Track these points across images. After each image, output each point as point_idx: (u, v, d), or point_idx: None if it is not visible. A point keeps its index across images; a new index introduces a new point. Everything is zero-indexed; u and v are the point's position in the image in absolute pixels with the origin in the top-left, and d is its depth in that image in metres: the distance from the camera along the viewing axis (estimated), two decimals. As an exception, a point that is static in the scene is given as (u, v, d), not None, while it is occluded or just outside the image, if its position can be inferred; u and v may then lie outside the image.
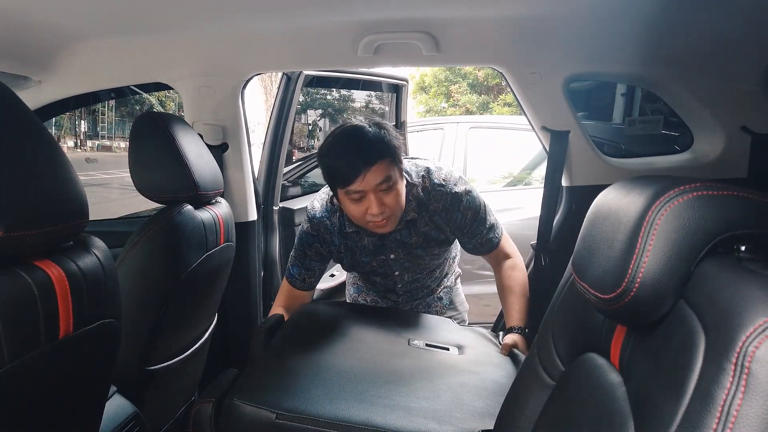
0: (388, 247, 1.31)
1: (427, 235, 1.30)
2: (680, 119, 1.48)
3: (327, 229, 1.29)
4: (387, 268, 1.36)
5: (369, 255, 1.33)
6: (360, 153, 1.10)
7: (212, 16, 1.19)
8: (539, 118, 1.41)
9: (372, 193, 1.12)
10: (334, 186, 1.15)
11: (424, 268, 1.40)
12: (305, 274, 1.32)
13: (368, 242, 1.30)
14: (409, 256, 1.33)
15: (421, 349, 1.13)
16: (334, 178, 1.14)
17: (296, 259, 1.33)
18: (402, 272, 1.38)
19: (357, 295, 1.57)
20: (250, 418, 0.89)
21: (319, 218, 1.29)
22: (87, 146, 7.71)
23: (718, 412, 0.37)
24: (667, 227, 0.48)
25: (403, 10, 1.17)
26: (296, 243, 1.34)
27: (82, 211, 0.61)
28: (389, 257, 1.33)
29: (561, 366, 0.71)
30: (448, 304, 1.56)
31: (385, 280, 1.41)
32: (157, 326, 1.06)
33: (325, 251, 1.32)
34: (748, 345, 0.37)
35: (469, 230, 1.29)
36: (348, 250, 1.33)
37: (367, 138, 1.11)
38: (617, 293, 0.50)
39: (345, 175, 1.10)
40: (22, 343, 0.54)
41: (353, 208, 1.15)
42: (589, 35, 1.26)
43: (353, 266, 1.38)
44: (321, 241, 1.30)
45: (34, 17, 1.14)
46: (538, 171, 3.05)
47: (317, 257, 1.31)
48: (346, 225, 1.28)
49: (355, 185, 1.10)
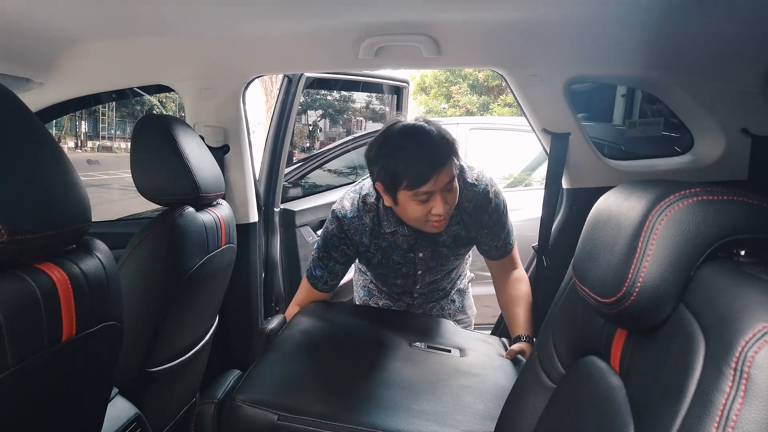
0: (420, 245, 1.30)
1: (456, 235, 1.29)
2: (680, 121, 1.48)
3: (357, 230, 1.27)
4: (411, 267, 1.35)
5: (400, 254, 1.31)
6: (433, 154, 1.08)
7: (214, 18, 1.19)
8: (540, 120, 1.41)
9: (439, 193, 1.10)
10: (397, 187, 1.11)
11: (445, 268, 1.40)
12: (328, 277, 1.31)
13: (402, 241, 1.29)
14: (436, 254, 1.32)
15: (423, 351, 1.14)
16: (400, 180, 1.10)
17: (320, 261, 1.31)
18: (425, 272, 1.37)
19: (368, 299, 1.55)
20: (252, 420, 0.90)
21: (350, 218, 1.26)
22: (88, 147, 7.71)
23: (718, 416, 0.38)
24: (667, 232, 0.48)
25: (404, 13, 1.17)
26: (320, 244, 1.32)
27: (85, 214, 0.61)
28: (417, 255, 1.32)
29: (561, 369, 0.71)
30: (460, 307, 1.56)
31: (406, 281, 1.40)
32: (159, 328, 1.06)
33: (352, 252, 1.30)
34: (747, 350, 0.37)
35: (491, 232, 1.29)
36: (380, 249, 1.30)
37: (433, 138, 1.09)
38: (617, 297, 0.51)
39: (418, 176, 1.07)
40: (26, 346, 0.54)
41: (417, 209, 1.13)
42: (589, 38, 1.26)
43: (381, 266, 1.35)
44: (348, 243, 1.28)
45: (36, 19, 1.14)
46: (538, 172, 3.05)
47: (342, 259, 1.30)
48: (383, 225, 1.26)
49: (427, 186, 1.08)
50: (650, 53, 1.28)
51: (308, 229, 1.96)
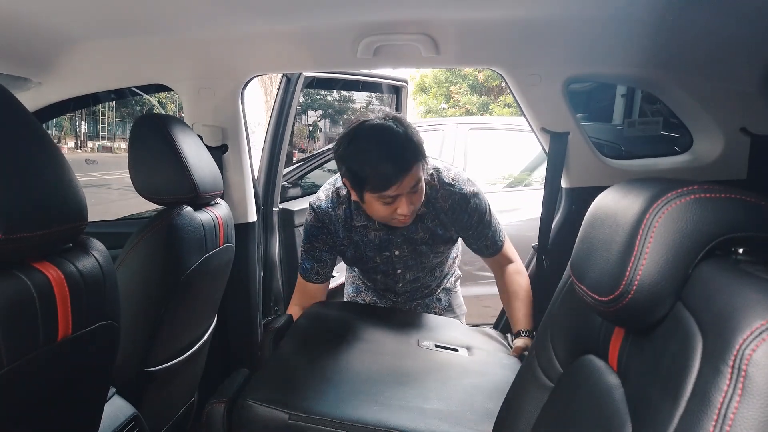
0: (394, 242, 1.30)
1: (433, 232, 1.30)
2: (680, 121, 1.48)
3: (331, 221, 1.29)
4: (390, 266, 1.36)
5: (374, 250, 1.32)
6: (397, 160, 1.07)
7: (212, 17, 1.19)
8: (539, 119, 1.41)
9: (405, 195, 1.11)
10: (363, 190, 1.11)
11: (426, 266, 1.40)
12: (317, 267, 1.33)
13: (374, 236, 1.30)
14: (414, 253, 1.33)
15: (431, 350, 1.13)
16: (364, 184, 1.10)
17: (306, 253, 1.33)
18: (404, 271, 1.38)
19: (355, 295, 1.57)
20: (263, 419, 0.89)
21: (324, 209, 1.28)
22: (87, 147, 7.71)
23: (716, 414, 0.37)
24: (664, 230, 0.48)
25: (403, 12, 1.17)
26: (303, 236, 1.34)
27: (81, 213, 0.61)
28: (393, 254, 1.33)
29: (559, 368, 0.71)
30: (446, 306, 1.56)
31: (386, 278, 1.41)
32: (157, 328, 1.06)
33: (331, 242, 1.32)
34: (745, 348, 0.37)
35: (475, 232, 1.30)
36: (352, 243, 1.32)
37: (399, 142, 1.08)
38: (615, 296, 0.50)
39: (382, 182, 1.07)
40: (21, 345, 0.54)
41: (382, 209, 1.13)
42: (588, 37, 1.26)
43: (356, 261, 1.37)
44: (326, 232, 1.30)
45: (34, 19, 1.14)
46: (538, 172, 3.05)
47: (326, 248, 1.32)
48: (353, 218, 1.28)
49: (391, 191, 1.08)
50: (649, 52, 1.28)
51: (307, 229, 1.95)
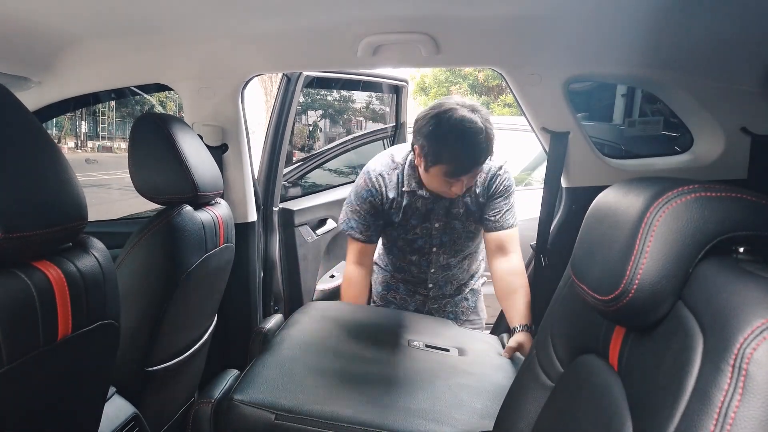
0: (435, 213, 1.40)
1: (468, 207, 1.41)
2: (680, 120, 1.47)
3: (384, 184, 1.39)
4: (427, 240, 1.44)
5: (418, 218, 1.41)
6: (474, 156, 1.21)
7: (212, 17, 1.19)
8: (539, 119, 1.41)
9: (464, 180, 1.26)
10: (433, 165, 1.24)
11: (458, 248, 1.48)
12: (362, 227, 1.43)
13: (421, 204, 1.39)
14: (449, 228, 1.43)
15: (421, 350, 1.13)
16: (438, 162, 1.23)
17: (353, 214, 1.43)
18: (438, 250, 1.46)
19: (386, 293, 1.61)
20: (250, 419, 0.90)
21: (379, 173, 1.39)
22: (87, 147, 7.70)
23: (716, 413, 0.37)
24: (665, 228, 0.48)
25: (403, 12, 1.17)
26: (351, 198, 1.44)
27: (81, 212, 0.61)
28: (434, 225, 1.42)
29: (560, 367, 0.71)
30: (473, 307, 1.58)
31: (420, 260, 1.48)
32: (157, 327, 1.06)
33: (378, 204, 1.40)
34: (745, 347, 0.37)
35: (492, 203, 1.40)
36: (401, 208, 1.41)
37: (480, 139, 1.21)
38: (615, 295, 0.50)
39: (455, 170, 1.22)
40: (21, 345, 0.54)
41: (440, 184, 1.28)
42: (589, 36, 1.26)
43: (399, 228, 1.44)
44: (374, 195, 1.40)
45: (35, 18, 1.14)
46: (538, 172, 3.05)
47: (372, 210, 1.41)
48: (404, 182, 1.38)
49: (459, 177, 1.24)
50: (649, 52, 1.28)
51: (307, 229, 1.95)
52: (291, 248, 1.88)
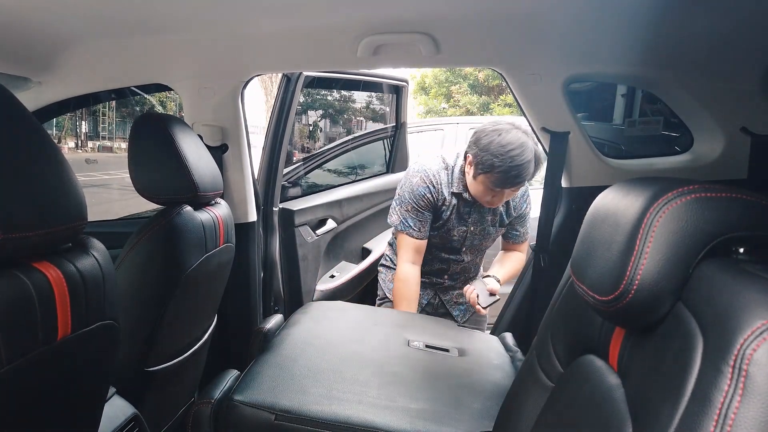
0: (473, 218, 1.53)
1: (501, 217, 1.56)
2: (680, 120, 1.47)
3: (441, 181, 1.50)
4: (460, 241, 1.56)
5: (458, 219, 1.53)
6: (522, 172, 1.34)
7: (212, 17, 1.19)
8: (539, 119, 1.41)
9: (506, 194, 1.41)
10: (482, 173, 1.37)
11: (482, 250, 1.64)
12: (420, 225, 1.50)
13: (462, 206, 1.51)
14: (482, 233, 1.56)
15: (421, 351, 1.13)
16: (487, 172, 1.36)
17: (408, 212, 1.51)
18: (468, 249, 1.59)
19: None
20: (249, 419, 0.89)
21: (435, 171, 1.50)
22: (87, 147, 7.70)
23: (716, 414, 0.37)
24: (665, 229, 0.48)
25: (403, 11, 1.17)
26: (404, 197, 1.51)
27: (81, 212, 0.61)
28: (469, 229, 1.54)
29: (560, 368, 0.71)
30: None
31: (449, 257, 1.59)
32: (157, 327, 1.06)
33: (434, 201, 1.50)
34: (745, 347, 0.37)
35: (521, 219, 1.59)
36: (451, 206, 1.51)
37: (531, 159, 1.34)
38: (615, 295, 0.50)
39: (501, 182, 1.35)
40: (20, 345, 0.54)
41: (484, 192, 1.41)
42: (588, 36, 1.25)
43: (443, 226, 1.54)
44: (432, 192, 1.49)
45: (35, 19, 1.14)
46: (538, 172, 3.04)
47: (429, 206, 1.50)
48: (453, 184, 1.49)
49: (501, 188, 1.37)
50: (649, 52, 1.28)
51: (307, 229, 1.95)
52: (291, 248, 1.88)
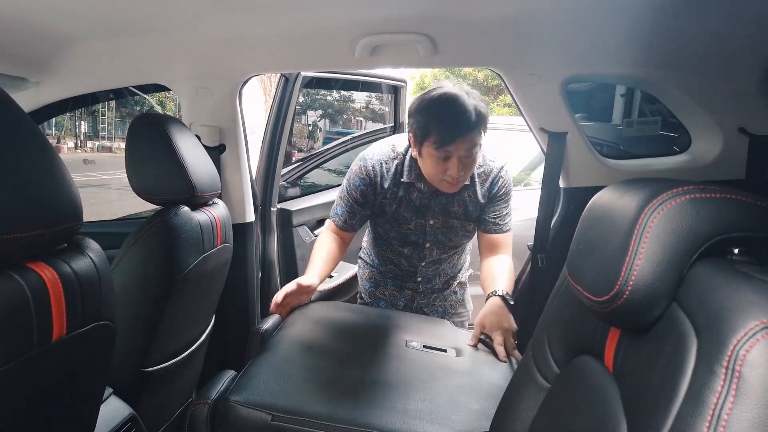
0: (432, 210, 1.38)
1: (466, 207, 1.38)
2: (678, 120, 1.47)
3: (379, 173, 1.36)
4: (421, 236, 1.42)
5: (412, 212, 1.39)
6: (461, 120, 1.19)
7: (209, 17, 1.19)
8: (537, 119, 1.41)
9: (457, 157, 1.22)
10: (423, 141, 1.24)
11: (453, 245, 1.46)
12: (347, 215, 1.41)
13: (416, 197, 1.37)
14: (446, 227, 1.41)
15: (418, 351, 1.13)
16: (428, 135, 1.22)
17: (341, 200, 1.42)
18: (432, 246, 1.44)
19: (374, 289, 1.58)
20: (246, 420, 0.89)
21: (377, 160, 1.37)
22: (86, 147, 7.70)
23: (709, 415, 0.37)
24: (659, 230, 0.48)
25: (401, 12, 1.17)
26: (344, 185, 1.41)
27: (76, 213, 0.61)
28: (428, 222, 1.39)
29: (556, 368, 0.71)
30: (461, 300, 1.59)
31: (413, 253, 1.46)
32: (154, 328, 1.06)
33: (370, 194, 1.38)
34: (739, 348, 0.37)
35: (493, 205, 1.38)
36: (396, 198, 1.38)
37: (467, 107, 1.20)
38: (610, 296, 0.50)
39: (442, 136, 1.20)
40: (15, 346, 0.54)
41: (434, 166, 1.24)
42: (587, 37, 1.26)
43: (392, 221, 1.42)
44: (368, 184, 1.37)
45: (32, 19, 1.14)
46: (537, 172, 3.05)
47: (362, 199, 1.38)
48: (403, 173, 1.36)
49: (448, 147, 1.20)
50: (647, 52, 1.28)
51: (305, 229, 1.95)
52: (289, 249, 1.88)
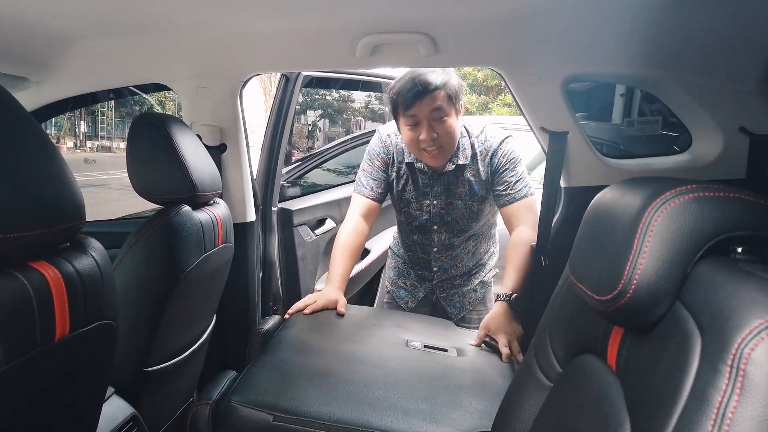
0: (434, 190, 1.45)
1: (471, 186, 1.44)
2: (679, 120, 1.47)
3: (393, 143, 1.47)
4: (427, 219, 1.48)
5: (416, 192, 1.46)
6: (420, 83, 1.29)
7: (210, 16, 1.19)
8: (538, 118, 1.41)
9: (425, 119, 1.30)
10: (397, 117, 1.35)
11: (461, 228, 1.49)
12: (373, 183, 1.47)
13: (419, 178, 1.45)
14: (449, 207, 1.46)
15: (419, 351, 1.13)
16: (396, 105, 1.33)
17: (364, 172, 1.49)
18: (440, 229, 1.49)
19: (398, 278, 1.65)
20: (248, 420, 0.89)
21: (392, 131, 1.46)
22: (87, 147, 7.70)
23: (714, 414, 0.37)
24: (663, 229, 0.48)
25: (402, 11, 1.17)
26: (364, 157, 1.50)
27: (79, 212, 0.61)
28: (432, 202, 1.46)
29: (558, 367, 0.71)
30: (481, 298, 1.59)
31: (423, 238, 1.52)
32: (155, 327, 1.06)
33: (389, 162, 1.47)
34: (743, 347, 0.37)
35: (499, 176, 1.42)
36: (405, 174, 1.47)
37: (427, 74, 1.30)
38: (613, 295, 0.50)
39: (405, 100, 1.29)
40: (18, 345, 0.54)
41: (409, 134, 1.34)
42: (587, 36, 1.25)
43: (400, 199, 1.50)
44: (386, 152, 1.47)
45: (33, 18, 1.13)
46: (537, 172, 3.05)
47: (383, 167, 1.48)
48: (407, 154, 1.45)
49: (412, 110, 1.29)
50: (648, 51, 1.28)
51: (306, 228, 1.95)
52: (290, 248, 1.88)
